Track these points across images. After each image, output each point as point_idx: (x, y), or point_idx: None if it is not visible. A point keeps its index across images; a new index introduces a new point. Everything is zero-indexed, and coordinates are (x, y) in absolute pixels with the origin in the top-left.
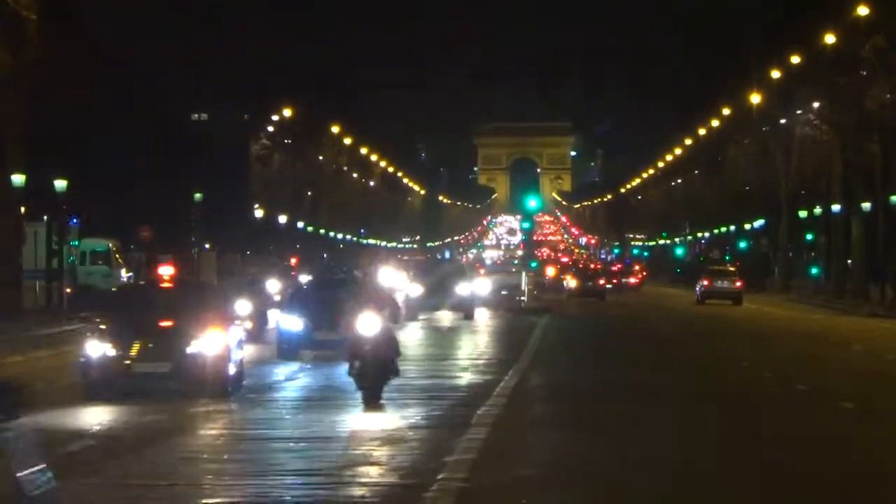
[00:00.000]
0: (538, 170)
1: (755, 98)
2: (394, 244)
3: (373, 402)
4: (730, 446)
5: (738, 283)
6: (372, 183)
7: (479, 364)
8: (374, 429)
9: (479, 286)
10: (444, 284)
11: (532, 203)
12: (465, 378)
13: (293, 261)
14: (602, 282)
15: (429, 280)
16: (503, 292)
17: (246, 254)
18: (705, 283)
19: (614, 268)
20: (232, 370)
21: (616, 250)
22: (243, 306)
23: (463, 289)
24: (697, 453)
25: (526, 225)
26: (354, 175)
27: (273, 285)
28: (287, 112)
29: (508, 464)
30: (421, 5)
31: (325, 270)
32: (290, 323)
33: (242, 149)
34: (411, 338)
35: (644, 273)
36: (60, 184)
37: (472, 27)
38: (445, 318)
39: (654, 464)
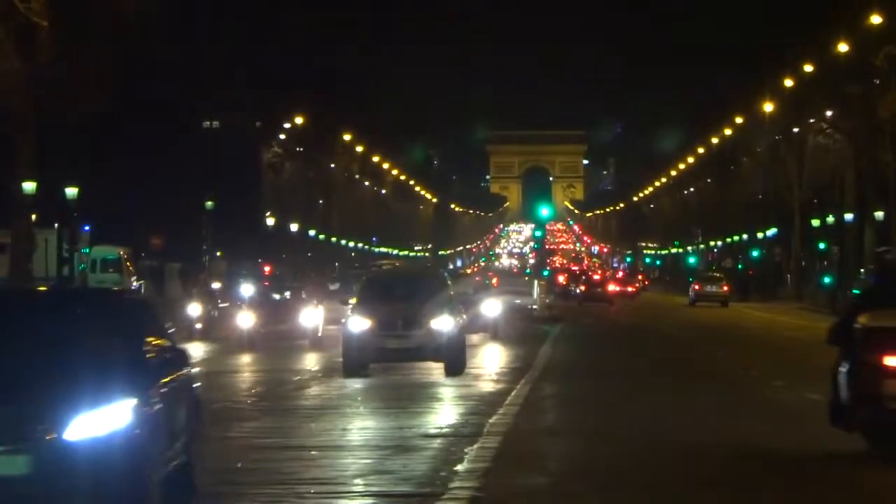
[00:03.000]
0: (550, 178)
1: (768, 107)
2: (406, 252)
3: None
4: (746, 459)
5: (725, 288)
6: (384, 191)
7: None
8: (386, 438)
9: (488, 308)
10: (411, 313)
11: (544, 212)
12: (477, 387)
13: (266, 268)
14: (610, 288)
15: (384, 306)
16: (516, 301)
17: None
18: (696, 287)
19: (618, 275)
20: None
21: (628, 259)
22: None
23: (443, 322)
24: (711, 461)
25: (538, 233)
26: (366, 183)
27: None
28: (299, 120)
29: (521, 472)
30: (433, 12)
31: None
32: None
33: (254, 156)
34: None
35: (646, 282)
36: (71, 191)
37: (483, 34)
38: (417, 372)
39: (668, 471)
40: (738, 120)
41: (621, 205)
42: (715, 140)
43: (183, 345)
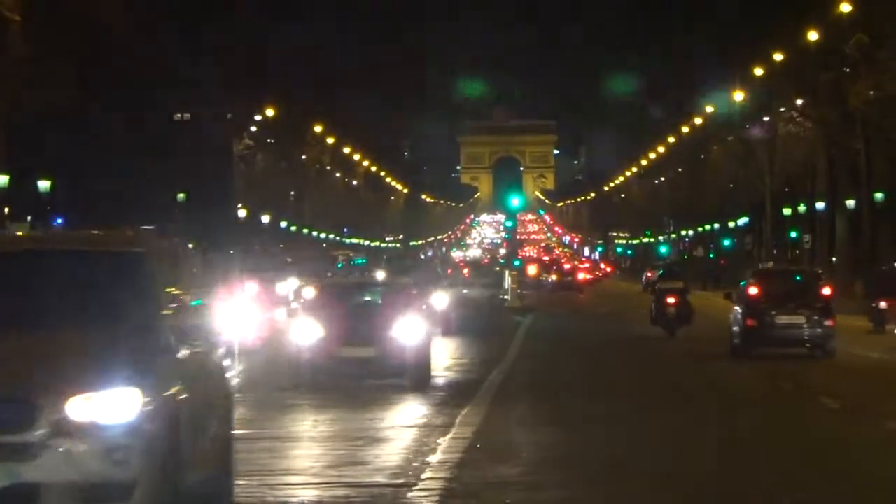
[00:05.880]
0: (521, 168)
1: (738, 95)
2: (377, 243)
3: None
4: (717, 447)
5: None
6: (355, 182)
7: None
8: (359, 429)
9: (405, 333)
10: (31, 355)
11: (515, 202)
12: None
13: None
14: (581, 277)
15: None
16: (488, 292)
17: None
18: (649, 275)
19: (582, 265)
20: None
21: (599, 248)
22: None
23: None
24: (679, 453)
25: (509, 224)
26: (338, 174)
27: None
28: (270, 111)
29: (493, 463)
30: (402, 3)
31: None
32: None
33: (226, 148)
34: None
35: (609, 270)
36: (44, 184)
37: (455, 24)
38: None
39: (639, 463)
40: (709, 109)
41: (592, 194)
42: (686, 129)
43: None
